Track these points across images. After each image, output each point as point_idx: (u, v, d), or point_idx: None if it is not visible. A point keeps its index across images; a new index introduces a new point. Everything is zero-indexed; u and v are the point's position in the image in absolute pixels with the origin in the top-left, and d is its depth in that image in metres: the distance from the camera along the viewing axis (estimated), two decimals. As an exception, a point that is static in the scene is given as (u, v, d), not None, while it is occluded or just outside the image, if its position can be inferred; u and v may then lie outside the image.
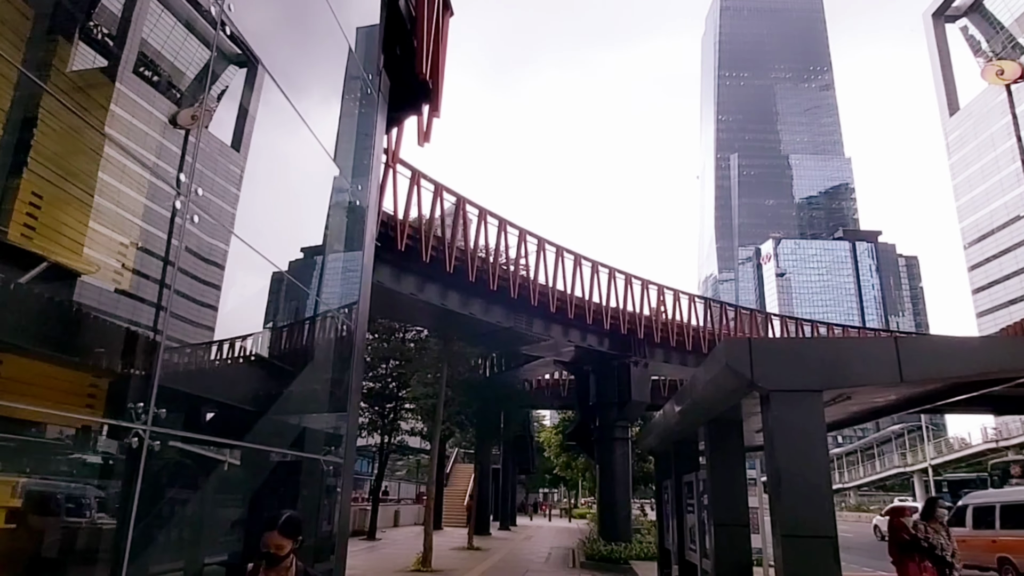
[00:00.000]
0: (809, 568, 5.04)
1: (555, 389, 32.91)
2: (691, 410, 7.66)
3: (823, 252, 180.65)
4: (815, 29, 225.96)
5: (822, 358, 5.54)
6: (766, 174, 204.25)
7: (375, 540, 22.56)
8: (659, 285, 21.64)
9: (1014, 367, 5.50)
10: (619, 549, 16.83)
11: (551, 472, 48.90)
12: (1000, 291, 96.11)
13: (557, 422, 45.04)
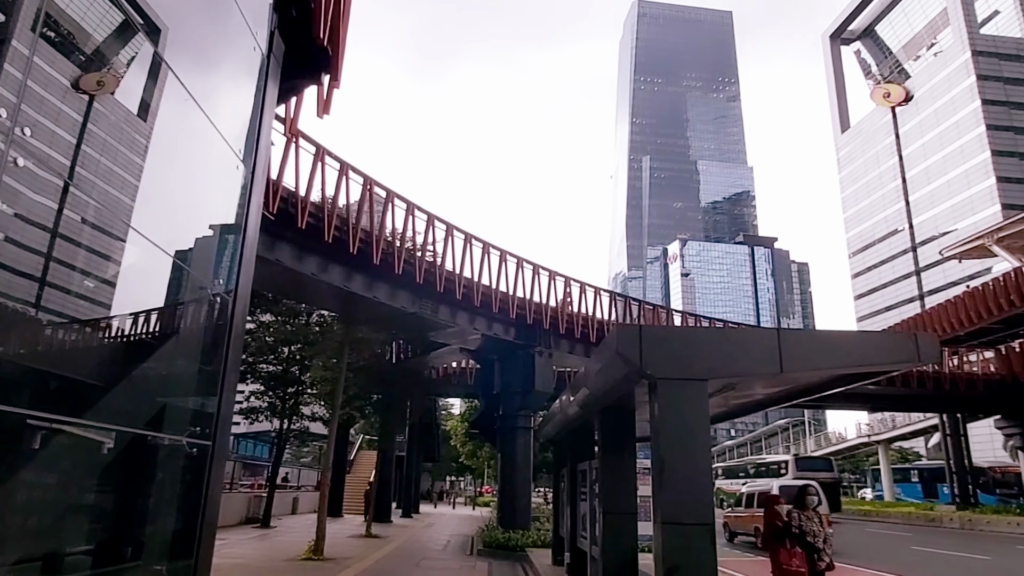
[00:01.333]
0: (686, 554, 5.16)
1: (462, 377, 32.62)
2: (585, 399, 7.74)
3: (725, 255, 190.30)
4: (725, 43, 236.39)
5: (708, 348, 5.67)
6: (675, 178, 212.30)
7: (269, 528, 21.84)
8: (566, 277, 21.95)
9: (883, 361, 5.88)
10: (516, 536, 16.96)
11: (457, 460, 48.99)
12: (878, 298, 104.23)
13: (463, 410, 45.07)
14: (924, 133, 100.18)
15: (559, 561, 12.36)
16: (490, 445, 30.73)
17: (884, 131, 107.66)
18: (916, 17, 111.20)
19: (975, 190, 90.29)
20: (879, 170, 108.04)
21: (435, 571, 13.71)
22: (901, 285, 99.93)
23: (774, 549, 7.10)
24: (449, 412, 52.88)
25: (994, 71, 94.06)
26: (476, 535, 19.52)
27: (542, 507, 27.33)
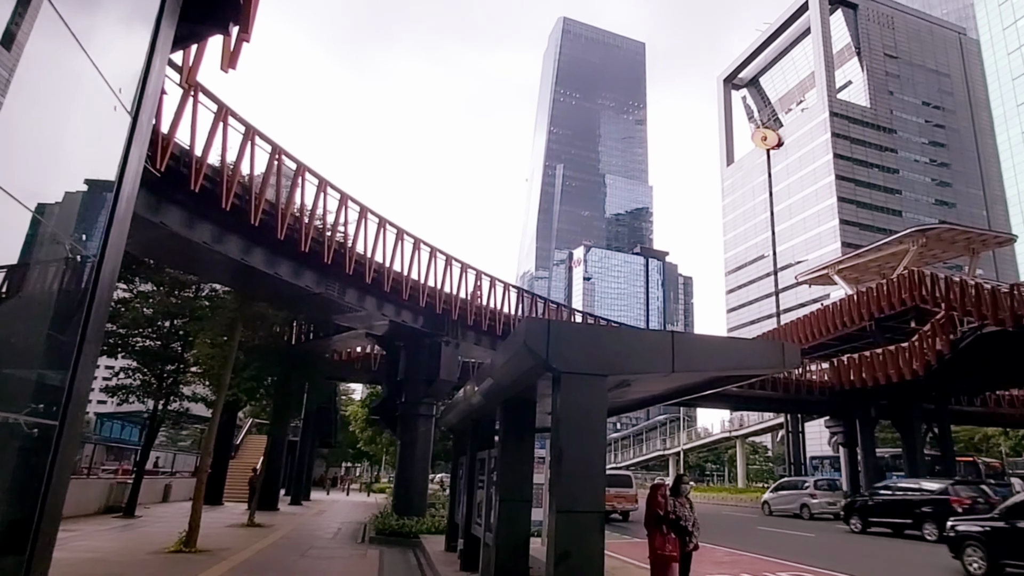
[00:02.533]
0: (577, 540, 4.96)
1: (366, 362, 30.64)
2: (489, 389, 7.35)
3: (623, 264, 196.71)
4: (637, 70, 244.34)
5: (610, 345, 5.51)
6: (585, 187, 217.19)
7: (133, 517, 18.75)
8: (477, 270, 21.37)
9: (757, 366, 5.91)
10: (411, 523, 15.98)
11: (355, 447, 46.90)
12: (745, 312, 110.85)
13: (365, 396, 43.26)
14: (790, 175, 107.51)
15: (452, 547, 11.88)
16: (390, 432, 28.99)
17: (760, 169, 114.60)
18: (791, 76, 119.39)
19: (823, 228, 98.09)
20: (754, 202, 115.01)
21: (322, 560, 12.40)
22: (764, 303, 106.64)
23: (652, 533, 7.05)
24: (350, 397, 50.77)
25: (844, 130, 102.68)
26: (369, 522, 18.26)
27: (439, 494, 26.35)
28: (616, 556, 12.36)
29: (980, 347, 26.67)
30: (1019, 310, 24.78)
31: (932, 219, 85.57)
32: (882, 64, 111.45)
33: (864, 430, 33.84)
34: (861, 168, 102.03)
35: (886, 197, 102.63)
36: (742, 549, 14.84)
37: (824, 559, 13.36)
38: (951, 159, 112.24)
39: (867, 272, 45.84)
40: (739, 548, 15.00)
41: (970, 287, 27.20)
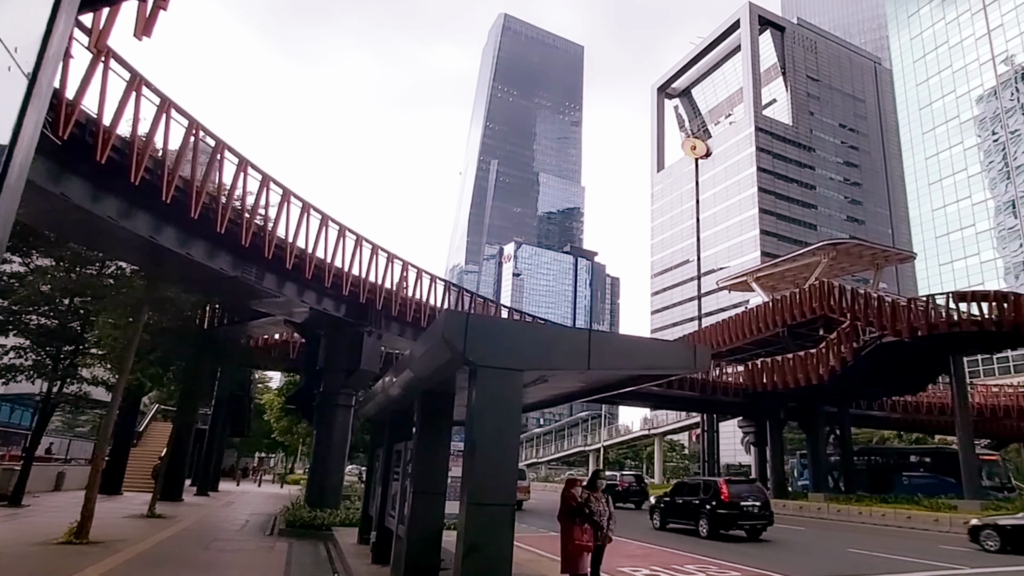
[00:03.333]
0: (488, 532, 5.05)
1: (284, 350, 29.65)
2: (408, 380, 7.34)
3: (553, 262, 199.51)
4: (575, 72, 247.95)
5: (528, 341, 5.61)
6: (518, 184, 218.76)
7: (20, 507, 17.52)
8: (404, 261, 21.09)
9: (669, 366, 6.20)
10: (323, 515, 15.63)
11: (270, 436, 45.33)
12: (668, 315, 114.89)
13: (282, 385, 41.89)
14: (717, 185, 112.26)
15: (365, 540, 11.75)
16: (307, 422, 28.17)
17: (688, 177, 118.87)
18: (721, 89, 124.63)
19: (745, 237, 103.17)
20: (681, 208, 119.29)
21: (226, 553, 11.85)
22: (687, 306, 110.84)
23: (567, 525, 7.27)
24: (267, 386, 49.04)
25: (768, 145, 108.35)
26: (279, 514, 17.69)
27: (356, 486, 25.82)
28: (530, 549, 12.62)
29: (879, 355, 28.86)
30: (914, 323, 27.02)
31: (843, 234, 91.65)
32: (804, 85, 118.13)
33: (774, 430, 35.86)
34: (782, 182, 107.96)
35: (803, 211, 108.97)
36: (654, 543, 15.45)
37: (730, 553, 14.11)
38: (863, 179, 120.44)
39: (783, 281, 48.59)
40: (651, 542, 15.62)
41: (873, 299, 29.39)
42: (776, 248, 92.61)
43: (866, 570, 12.22)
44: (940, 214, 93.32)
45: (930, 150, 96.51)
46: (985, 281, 79.95)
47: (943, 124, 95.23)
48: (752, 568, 11.69)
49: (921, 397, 38.89)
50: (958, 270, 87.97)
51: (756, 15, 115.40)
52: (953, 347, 27.77)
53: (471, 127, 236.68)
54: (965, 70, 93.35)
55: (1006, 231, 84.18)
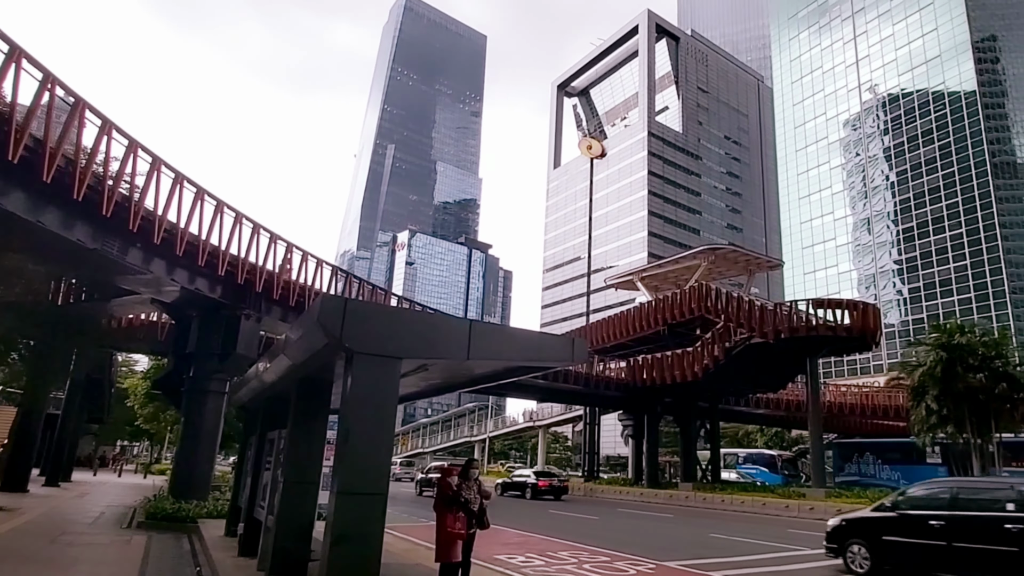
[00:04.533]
0: (358, 522, 5.04)
1: (151, 331, 27.53)
2: (282, 366, 7.11)
3: (448, 252, 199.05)
4: (477, 61, 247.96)
5: (407, 328, 5.64)
6: (415, 171, 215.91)
7: None
8: (288, 242, 20.13)
9: (549, 358, 6.46)
10: (189, 507, 14.74)
11: (133, 423, 41.95)
12: (558, 310, 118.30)
13: (148, 368, 38.88)
14: (610, 185, 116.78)
15: (233, 532, 11.25)
16: (175, 408, 26.37)
17: (583, 176, 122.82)
18: (618, 92, 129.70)
19: (634, 238, 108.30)
20: (575, 206, 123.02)
21: (76, 548, 10.96)
22: (576, 302, 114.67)
23: (442, 513, 7.37)
24: (131, 369, 45.32)
25: (659, 151, 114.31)
26: (140, 506, 16.53)
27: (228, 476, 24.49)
28: (407, 538, 12.65)
29: (747, 355, 31.37)
30: (778, 326, 29.67)
31: (724, 240, 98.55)
32: (695, 96, 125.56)
33: (651, 424, 37.98)
34: (670, 187, 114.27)
35: (689, 216, 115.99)
36: (532, 531, 15.96)
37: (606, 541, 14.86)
38: (743, 189, 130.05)
39: (666, 281, 51.47)
40: (529, 530, 16.11)
41: (744, 303, 31.90)
42: (662, 250, 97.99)
43: (725, 553, 13.33)
44: (807, 227, 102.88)
45: (802, 167, 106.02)
46: (841, 290, 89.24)
47: (814, 143, 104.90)
48: (622, 552, 12.41)
49: (782, 394, 42.60)
50: (819, 279, 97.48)
51: (654, 23, 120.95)
52: (810, 349, 30.71)
53: (368, 109, 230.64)
54: (835, 95, 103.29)
55: (861, 246, 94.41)
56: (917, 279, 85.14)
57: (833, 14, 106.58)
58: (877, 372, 73.76)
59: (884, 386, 51.50)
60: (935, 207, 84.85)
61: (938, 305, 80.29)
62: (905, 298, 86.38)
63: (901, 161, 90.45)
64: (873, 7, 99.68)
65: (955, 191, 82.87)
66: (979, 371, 25.14)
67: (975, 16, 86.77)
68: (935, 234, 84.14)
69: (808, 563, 12.08)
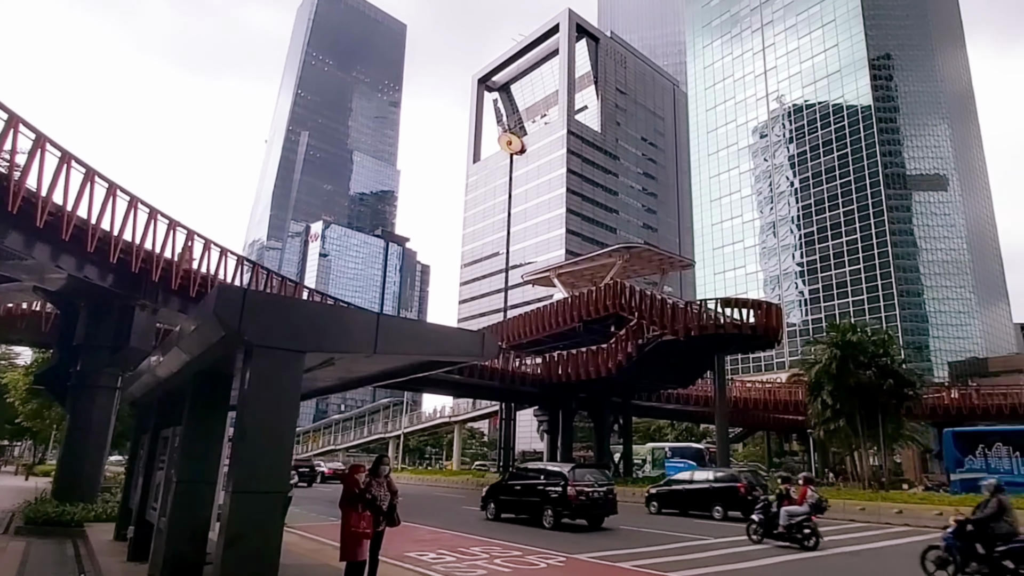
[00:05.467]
0: (254, 522, 4.93)
1: (34, 322, 25.63)
2: (177, 360, 6.81)
3: (363, 245, 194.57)
4: (397, 50, 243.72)
5: (311, 321, 5.51)
6: (330, 160, 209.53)
7: None
8: (189, 230, 19.10)
9: (459, 353, 6.52)
10: (74, 510, 13.84)
11: (13, 421, 38.46)
12: (476, 305, 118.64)
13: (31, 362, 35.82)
14: (529, 181, 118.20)
15: (123, 536, 10.63)
16: (60, 404, 24.42)
17: (503, 171, 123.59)
18: (538, 89, 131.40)
19: (552, 234, 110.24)
20: (494, 201, 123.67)
21: None
22: (494, 298, 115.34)
23: (347, 511, 7.30)
24: (11, 363, 41.63)
25: (578, 149, 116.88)
26: (19, 510, 15.39)
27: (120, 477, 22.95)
28: (315, 538, 12.40)
29: (659, 352, 32.56)
30: (688, 324, 31.04)
31: (639, 239, 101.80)
32: (613, 97, 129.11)
33: (565, 419, 38.80)
34: (588, 185, 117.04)
35: (606, 214, 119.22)
36: (445, 527, 15.99)
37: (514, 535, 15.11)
38: (658, 190, 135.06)
39: (582, 279, 52.67)
40: (443, 527, 16.14)
41: (657, 301, 33.15)
42: (579, 247, 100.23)
43: (634, 544, 13.88)
44: (718, 228, 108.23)
45: (714, 170, 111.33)
46: (749, 290, 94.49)
47: (725, 148, 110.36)
48: (534, 547, 12.69)
49: (691, 390, 44.50)
50: (729, 279, 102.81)
51: (575, 23, 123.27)
52: (718, 346, 32.35)
53: (280, 94, 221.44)
54: (745, 102, 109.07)
55: (767, 248, 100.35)
56: (817, 281, 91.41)
57: (744, 25, 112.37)
58: (780, 369, 78.62)
59: (786, 382, 54.92)
60: (833, 213, 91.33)
61: (835, 306, 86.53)
62: (806, 299, 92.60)
63: (804, 169, 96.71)
64: (780, 21, 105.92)
65: (851, 199, 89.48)
66: (868, 368, 27.39)
67: (872, 35, 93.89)
68: (833, 239, 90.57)
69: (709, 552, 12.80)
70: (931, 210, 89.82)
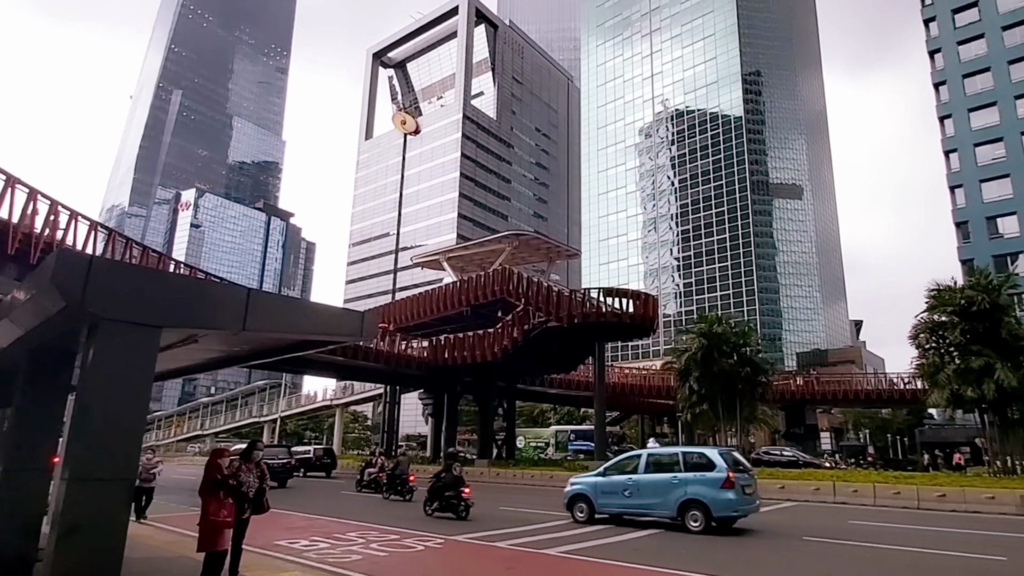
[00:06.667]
0: (95, 512, 4.41)
1: None
2: (10, 334, 5.96)
3: (242, 217, 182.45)
4: (286, 13, 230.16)
5: (170, 293, 5.01)
6: (206, 124, 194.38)
7: None
8: (31, 187, 16.64)
9: (337, 332, 6.19)
10: None
11: None
12: (363, 286, 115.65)
13: None
14: (423, 163, 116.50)
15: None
16: None
17: (396, 151, 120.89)
18: (435, 71, 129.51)
19: (444, 218, 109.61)
20: (386, 180, 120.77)
21: None
22: (383, 279, 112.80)
23: (206, 499, 6.78)
24: None
25: (473, 134, 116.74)
26: None
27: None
28: (174, 529, 11.53)
29: (544, 337, 33.28)
30: (573, 311, 31.94)
31: (529, 227, 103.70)
32: (510, 85, 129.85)
33: (451, 403, 38.79)
34: (482, 171, 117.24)
35: (498, 201, 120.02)
36: (321, 514, 15.43)
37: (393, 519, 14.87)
38: (550, 181, 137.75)
39: (471, 263, 52.74)
40: (318, 513, 15.57)
41: (544, 288, 33.82)
42: (471, 232, 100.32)
43: (513, 524, 14.07)
44: (604, 221, 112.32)
45: (602, 165, 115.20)
46: (630, 281, 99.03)
47: (614, 145, 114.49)
48: (412, 530, 12.53)
49: (573, 375, 45.98)
50: (612, 270, 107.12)
51: (474, 7, 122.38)
52: (599, 334, 33.59)
53: (150, 47, 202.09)
54: (633, 103, 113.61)
55: (648, 242, 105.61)
56: (691, 275, 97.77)
57: (634, 29, 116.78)
58: (655, 357, 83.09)
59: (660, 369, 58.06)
60: (707, 213, 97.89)
61: (706, 299, 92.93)
62: (681, 291, 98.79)
63: (683, 170, 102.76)
64: (667, 29, 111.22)
65: (723, 201, 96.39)
66: (730, 357, 29.72)
67: (746, 52, 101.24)
68: (706, 237, 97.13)
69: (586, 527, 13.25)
70: (788, 216, 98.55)
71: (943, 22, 54.90)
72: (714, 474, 12.05)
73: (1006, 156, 49.20)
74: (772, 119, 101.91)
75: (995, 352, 21.87)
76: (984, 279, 23.89)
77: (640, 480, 13.09)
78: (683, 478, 12.41)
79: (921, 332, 24.48)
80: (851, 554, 10.39)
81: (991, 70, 51.50)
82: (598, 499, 13.68)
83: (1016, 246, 47.52)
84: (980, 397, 21.84)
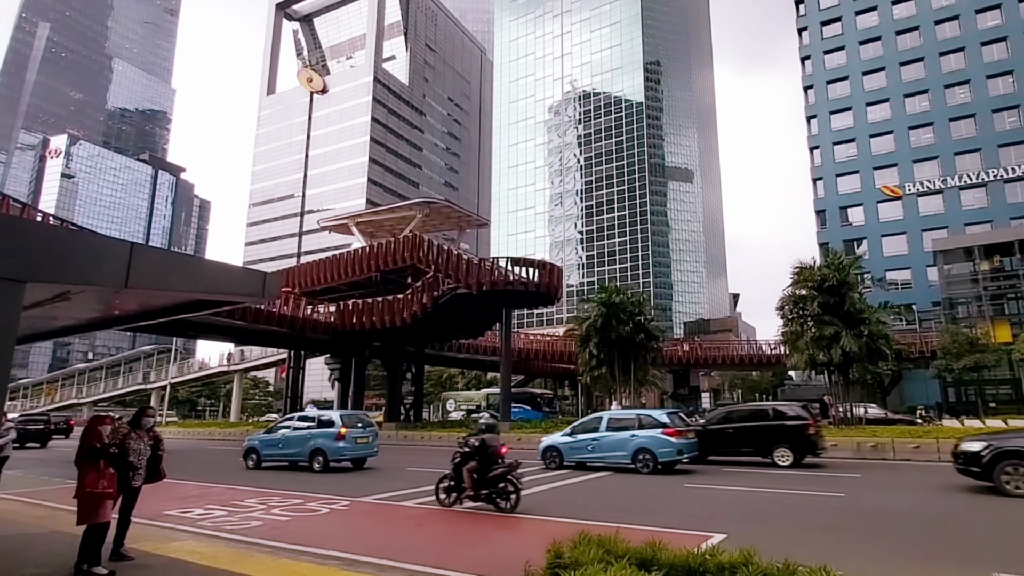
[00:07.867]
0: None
1: None
2: None
3: (124, 169, 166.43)
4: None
5: (35, 244, 4.28)
6: (81, 64, 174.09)
7: None
8: None
9: (235, 292, 5.63)
10: None
11: None
12: (265, 248, 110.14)
13: None
14: (330, 124, 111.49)
15: None
16: None
17: (301, 109, 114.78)
18: (344, 29, 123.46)
19: (353, 183, 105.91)
20: (291, 140, 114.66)
21: None
22: (286, 242, 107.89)
23: (84, 469, 6.11)
24: None
25: (384, 99, 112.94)
26: None
27: None
28: (46, 504, 10.43)
29: (453, 304, 33.06)
30: (481, 279, 31.85)
31: (440, 196, 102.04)
32: (423, 52, 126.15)
33: (358, 368, 37.86)
34: (393, 137, 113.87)
35: (409, 168, 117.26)
36: (218, 482, 14.56)
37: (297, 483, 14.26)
38: (461, 151, 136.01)
39: (381, 229, 51.24)
40: (215, 481, 14.67)
41: (454, 256, 33.44)
42: (381, 198, 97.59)
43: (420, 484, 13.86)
44: (513, 193, 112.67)
45: (513, 139, 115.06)
46: (537, 252, 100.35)
47: (524, 120, 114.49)
48: (317, 494, 12.05)
49: (481, 341, 46.18)
50: (520, 241, 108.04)
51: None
52: (506, 301, 33.79)
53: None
54: (544, 81, 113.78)
55: (554, 216, 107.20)
56: (593, 248, 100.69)
57: (546, 8, 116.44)
58: (559, 324, 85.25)
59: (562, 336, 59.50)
60: (609, 191, 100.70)
61: (606, 271, 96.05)
62: (583, 263, 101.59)
63: (588, 149, 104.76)
64: (577, 12, 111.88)
65: (623, 180, 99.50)
66: (627, 324, 30.95)
67: (648, 41, 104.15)
68: (607, 213, 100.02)
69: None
70: (680, 197, 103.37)
71: (813, 32, 61.27)
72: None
73: (857, 155, 56.29)
74: (669, 107, 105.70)
75: (842, 322, 24.31)
76: (836, 260, 26.19)
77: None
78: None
79: (786, 304, 26.60)
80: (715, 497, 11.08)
81: (849, 79, 58.05)
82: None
83: (861, 232, 55.18)
84: (829, 360, 24.24)
